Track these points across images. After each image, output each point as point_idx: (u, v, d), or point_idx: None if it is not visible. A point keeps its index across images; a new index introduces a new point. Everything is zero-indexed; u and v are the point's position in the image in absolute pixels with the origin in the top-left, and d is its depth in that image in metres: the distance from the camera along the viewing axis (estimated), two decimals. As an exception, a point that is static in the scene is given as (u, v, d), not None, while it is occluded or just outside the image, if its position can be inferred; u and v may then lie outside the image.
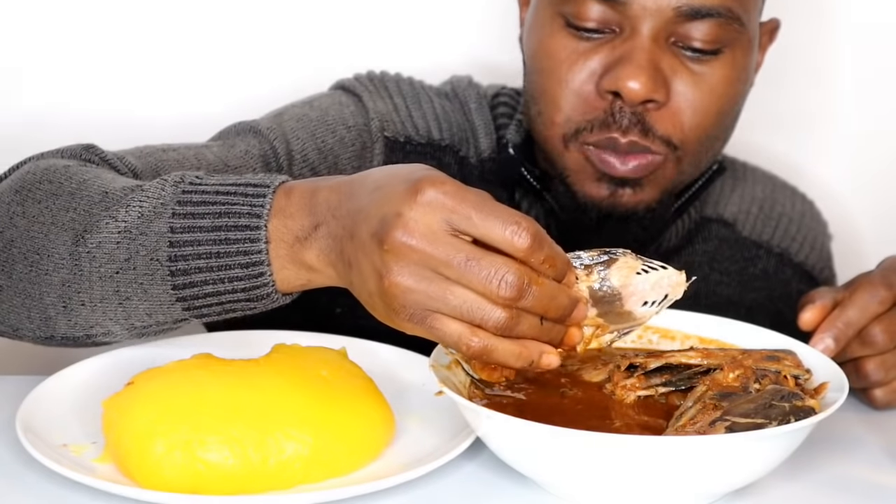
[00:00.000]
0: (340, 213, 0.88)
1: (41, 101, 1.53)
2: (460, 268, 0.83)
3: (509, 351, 0.85)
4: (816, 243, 1.39)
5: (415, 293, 0.83)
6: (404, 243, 0.83)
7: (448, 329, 0.84)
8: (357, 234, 0.85)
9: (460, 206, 0.83)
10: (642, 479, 0.87)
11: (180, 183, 0.94)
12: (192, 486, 0.88)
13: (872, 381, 1.08)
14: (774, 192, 1.40)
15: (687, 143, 1.15)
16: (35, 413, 0.97)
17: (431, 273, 0.83)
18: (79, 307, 0.96)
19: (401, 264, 0.83)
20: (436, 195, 0.83)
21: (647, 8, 1.11)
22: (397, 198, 0.84)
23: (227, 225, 0.91)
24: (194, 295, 0.92)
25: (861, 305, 1.05)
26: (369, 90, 1.27)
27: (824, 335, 1.05)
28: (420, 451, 0.95)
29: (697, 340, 1.06)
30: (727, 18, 1.12)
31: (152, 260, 0.92)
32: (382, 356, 1.09)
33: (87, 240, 0.94)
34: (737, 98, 1.17)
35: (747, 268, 1.33)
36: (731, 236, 1.33)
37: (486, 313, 0.83)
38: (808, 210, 1.42)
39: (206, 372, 0.94)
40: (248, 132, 1.19)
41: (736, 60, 1.15)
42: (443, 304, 0.83)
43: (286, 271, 0.91)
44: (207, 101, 1.54)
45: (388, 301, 0.84)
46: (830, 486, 0.97)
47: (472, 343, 0.84)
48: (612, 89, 1.12)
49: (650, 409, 0.96)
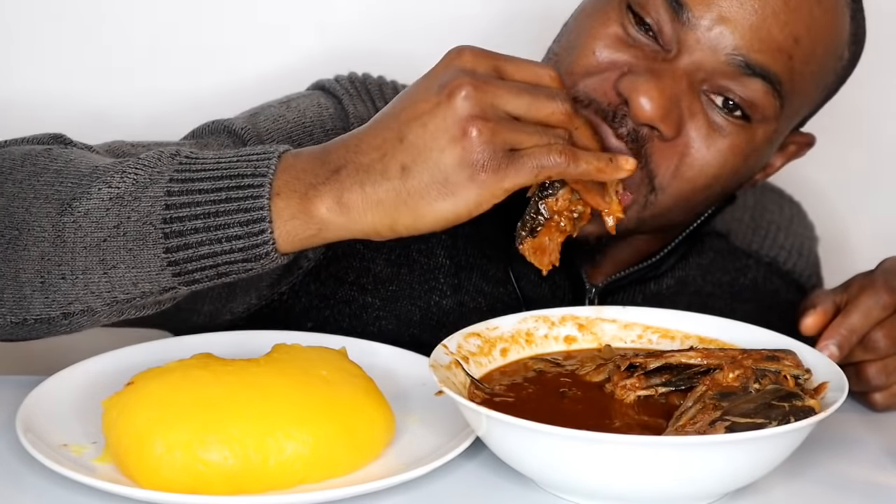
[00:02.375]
0: (366, 143, 0.91)
1: (7, 90, 1.51)
2: (525, 97, 0.91)
3: (589, 154, 0.93)
4: (804, 249, 1.38)
5: (499, 133, 0.89)
6: (475, 85, 0.89)
7: (538, 154, 0.90)
8: (414, 126, 0.90)
9: (496, 55, 0.92)
10: (642, 479, 0.87)
11: (176, 156, 0.93)
12: (192, 486, 0.88)
13: (873, 385, 1.08)
14: (763, 198, 1.38)
15: (665, 190, 1.07)
16: (35, 413, 0.97)
17: (503, 113, 0.90)
18: (58, 281, 0.93)
19: (479, 106, 0.88)
20: (476, 51, 0.92)
21: (702, 42, 1.04)
22: (446, 65, 0.91)
23: (229, 186, 0.91)
24: (188, 257, 0.91)
25: (864, 311, 1.05)
26: (350, 93, 1.21)
27: (828, 342, 1.04)
28: (420, 451, 0.95)
29: (697, 340, 1.06)
30: (772, 86, 1.05)
31: (145, 224, 0.91)
32: (382, 356, 1.09)
33: (74, 208, 0.92)
34: (735, 173, 1.10)
35: (738, 279, 1.31)
36: (725, 247, 1.31)
37: (550, 133, 0.91)
38: (795, 215, 1.40)
39: (206, 372, 0.94)
40: (223, 132, 1.15)
41: (755, 139, 1.08)
42: (526, 137, 0.90)
43: (294, 222, 0.91)
44: (182, 93, 1.51)
45: (473, 160, 0.88)
46: (830, 486, 0.97)
47: (559, 156, 0.90)
48: (623, 93, 1.05)
49: (650, 408, 0.96)
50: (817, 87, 1.11)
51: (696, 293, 1.28)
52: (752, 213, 1.35)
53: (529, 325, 1.05)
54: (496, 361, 1.02)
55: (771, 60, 1.05)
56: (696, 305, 1.26)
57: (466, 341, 1.00)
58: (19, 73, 1.51)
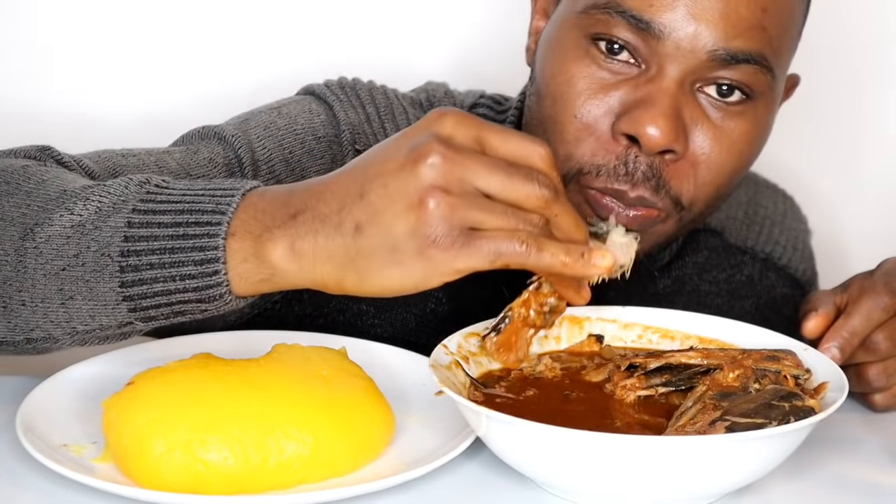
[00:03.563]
0: (331, 192, 0.85)
1: (11, 95, 1.50)
2: (500, 176, 0.83)
3: (558, 248, 0.84)
4: (798, 244, 1.39)
5: (458, 209, 0.82)
6: (445, 156, 0.82)
7: (496, 241, 0.82)
8: (375, 184, 0.83)
9: (482, 125, 0.84)
10: (642, 479, 0.87)
11: (145, 184, 0.91)
12: (192, 486, 0.88)
13: (874, 386, 1.08)
14: (757, 194, 1.38)
15: (695, 203, 1.08)
16: (35, 413, 0.97)
17: (471, 188, 0.82)
18: (19, 307, 0.91)
19: (443, 179, 0.82)
20: (460, 116, 0.84)
21: (681, 48, 1.02)
22: (424, 127, 0.84)
23: (188, 221, 0.87)
24: (142, 294, 0.88)
25: (865, 314, 1.05)
26: (340, 99, 1.20)
27: (830, 345, 1.04)
28: (420, 451, 0.95)
29: (697, 340, 1.06)
30: (761, 67, 1.05)
31: (103, 255, 0.88)
32: (382, 356, 1.09)
33: (35, 234, 0.90)
34: (753, 156, 1.11)
35: (734, 275, 1.31)
36: (720, 245, 1.31)
37: (521, 217, 0.83)
38: (789, 209, 1.41)
39: (206, 372, 0.94)
40: (213, 138, 1.13)
41: (759, 116, 1.08)
42: (487, 216, 0.82)
43: (247, 265, 0.87)
44: (173, 98, 1.51)
45: (427, 232, 0.82)
46: (830, 485, 0.97)
47: (522, 248, 0.83)
48: (629, 132, 1.03)
49: (650, 408, 0.96)
50: (795, 36, 1.11)
51: (693, 292, 1.28)
52: (745, 209, 1.35)
53: (529, 325, 1.05)
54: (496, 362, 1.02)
55: (750, 42, 1.04)
56: (694, 304, 1.26)
57: (466, 341, 1.00)
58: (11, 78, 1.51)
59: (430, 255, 0.82)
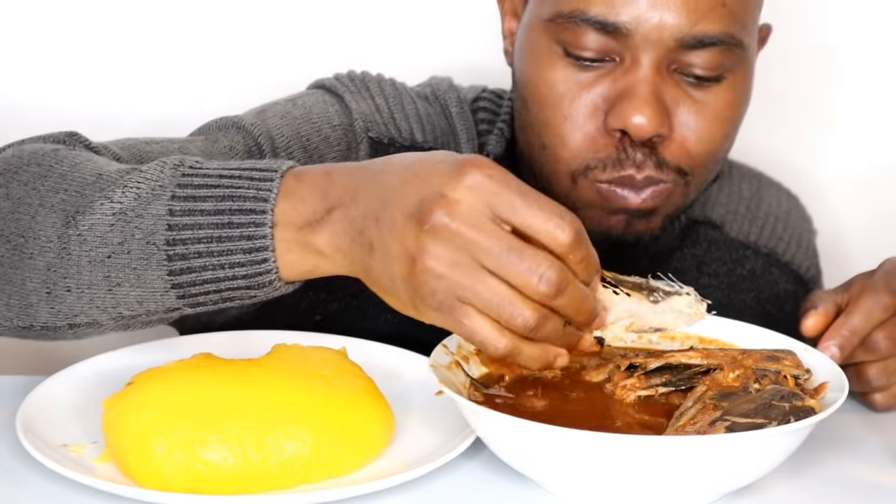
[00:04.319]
0: (362, 196, 0.86)
1: (19, 97, 1.51)
2: (501, 257, 0.81)
3: (533, 355, 0.84)
4: (802, 241, 1.39)
5: (447, 280, 0.81)
6: (446, 225, 0.81)
7: (477, 325, 0.82)
8: (386, 216, 0.83)
9: (505, 191, 0.81)
10: (642, 479, 0.87)
11: (179, 166, 0.91)
12: (193, 486, 0.88)
13: (874, 386, 1.08)
14: (760, 190, 1.39)
15: (696, 169, 1.13)
16: (35, 413, 0.97)
17: (469, 259, 0.81)
18: (64, 293, 0.92)
19: (439, 247, 0.81)
20: (482, 178, 0.82)
21: (649, 39, 1.07)
22: (440, 179, 0.82)
23: (231, 209, 0.88)
24: (191, 281, 0.90)
25: (865, 313, 1.05)
26: (350, 90, 1.22)
27: (829, 343, 1.04)
28: (420, 451, 0.95)
29: (697, 340, 1.06)
30: (729, 45, 1.09)
31: (148, 244, 0.89)
32: (382, 356, 1.09)
33: (78, 221, 0.91)
34: (739, 118, 1.15)
35: (735, 269, 1.32)
36: (720, 238, 1.33)
37: (516, 310, 0.82)
38: (793, 207, 1.41)
39: (206, 372, 0.94)
40: (231, 128, 1.15)
41: (737, 83, 1.12)
42: (474, 295, 0.81)
43: (291, 255, 0.88)
44: (187, 101, 1.52)
45: (416, 286, 0.82)
46: (830, 485, 0.97)
47: (499, 345, 0.83)
48: (618, 127, 1.08)
49: (650, 408, 0.96)
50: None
51: (692, 284, 1.28)
52: (748, 204, 1.36)
53: (529, 325, 1.05)
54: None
55: (713, 24, 1.08)
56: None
57: (466, 341, 1.00)
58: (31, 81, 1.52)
59: (414, 303, 0.84)
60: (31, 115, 1.49)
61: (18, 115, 1.49)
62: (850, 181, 1.69)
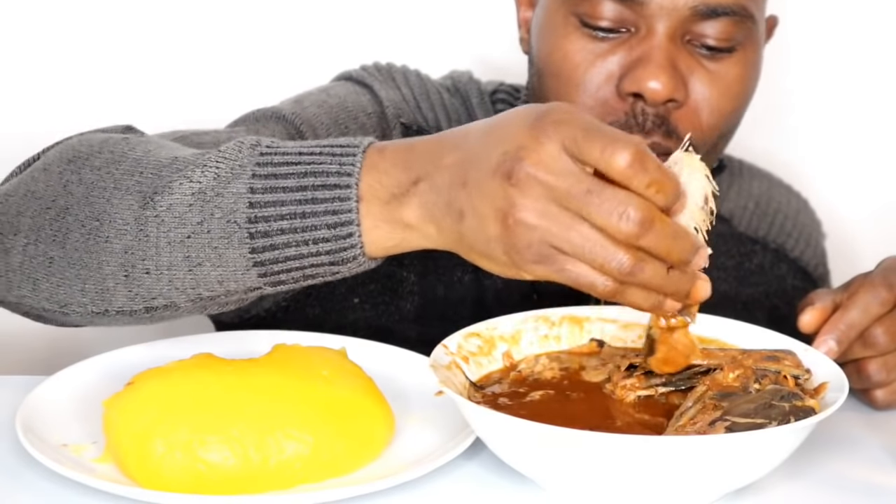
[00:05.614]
0: (446, 164, 0.85)
1: (39, 110, 1.51)
2: (581, 200, 0.80)
3: (639, 295, 0.84)
4: (811, 240, 1.40)
5: (540, 230, 0.81)
6: (531, 175, 0.81)
7: (578, 270, 0.82)
8: (473, 179, 0.83)
9: (573, 130, 0.81)
10: (642, 479, 0.87)
11: (257, 146, 0.91)
12: (193, 486, 0.88)
13: (874, 382, 1.08)
14: (770, 189, 1.40)
15: (703, 144, 1.14)
16: (35, 413, 0.97)
17: (556, 207, 0.81)
18: (142, 276, 0.91)
19: (527, 198, 0.81)
20: (555, 122, 0.81)
21: (664, 7, 1.10)
22: (519, 129, 0.82)
23: (314, 185, 0.88)
24: (274, 259, 0.89)
25: (862, 307, 1.05)
26: (378, 79, 1.25)
27: (826, 337, 1.04)
28: (420, 451, 0.95)
29: (697, 340, 1.06)
30: (741, 17, 1.12)
31: (229, 222, 0.88)
32: (382, 356, 1.09)
33: (156, 202, 0.90)
34: (748, 96, 1.17)
35: (743, 263, 1.33)
36: (728, 232, 1.34)
37: (609, 254, 0.81)
38: (802, 208, 1.43)
39: (206, 372, 0.94)
40: (271, 118, 1.16)
41: (748, 58, 1.15)
42: (566, 243, 0.81)
43: (378, 231, 0.88)
44: (207, 107, 1.53)
45: (513, 242, 0.82)
46: (831, 485, 0.97)
47: (607, 285, 0.82)
48: (633, 91, 1.11)
49: (650, 408, 0.96)
50: None
51: None
52: (757, 200, 1.37)
53: (529, 324, 1.05)
54: (496, 362, 1.02)
55: None
56: None
57: (466, 341, 1.00)
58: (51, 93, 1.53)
59: (513, 260, 0.83)
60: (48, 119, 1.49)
61: (34, 119, 1.50)
62: (850, 182, 1.69)
